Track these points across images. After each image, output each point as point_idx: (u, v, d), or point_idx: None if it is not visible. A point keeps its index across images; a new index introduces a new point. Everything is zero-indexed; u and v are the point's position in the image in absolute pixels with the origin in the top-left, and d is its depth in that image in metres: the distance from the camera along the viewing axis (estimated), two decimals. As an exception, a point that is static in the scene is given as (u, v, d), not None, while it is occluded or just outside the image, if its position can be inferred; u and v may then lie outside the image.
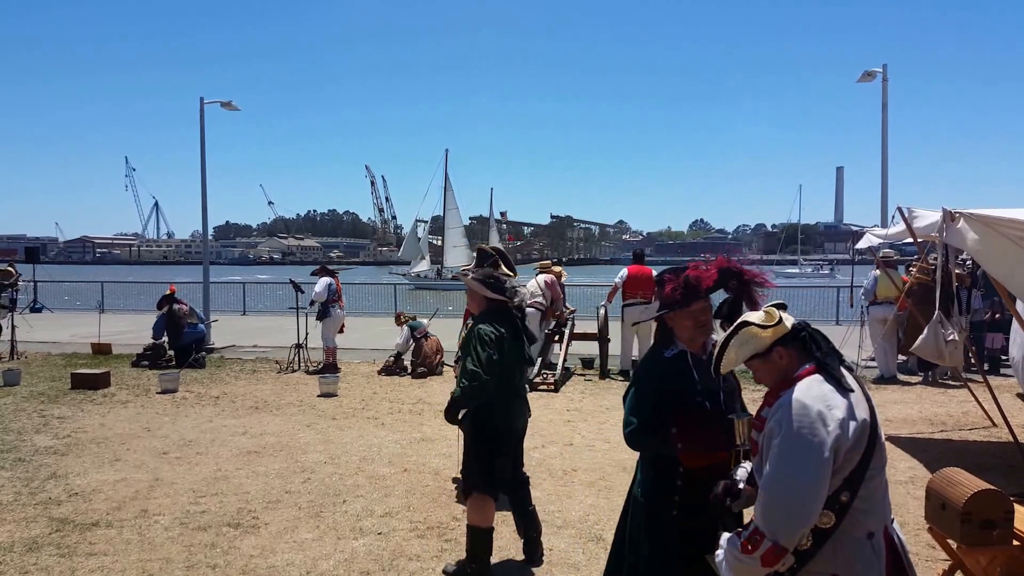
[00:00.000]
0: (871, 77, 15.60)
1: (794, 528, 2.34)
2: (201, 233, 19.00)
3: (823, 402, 2.37)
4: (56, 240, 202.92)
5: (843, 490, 2.37)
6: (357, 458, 7.52)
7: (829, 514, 2.37)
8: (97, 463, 7.37)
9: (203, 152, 17.31)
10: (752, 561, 2.40)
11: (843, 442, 2.33)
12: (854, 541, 2.41)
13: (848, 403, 2.39)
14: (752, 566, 2.40)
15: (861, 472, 2.37)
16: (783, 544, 2.36)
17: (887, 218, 13.95)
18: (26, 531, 5.56)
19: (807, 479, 2.31)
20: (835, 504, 2.37)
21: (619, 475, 6.93)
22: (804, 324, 2.61)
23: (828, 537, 2.39)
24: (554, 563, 5.03)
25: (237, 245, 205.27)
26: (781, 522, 2.35)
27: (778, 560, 2.37)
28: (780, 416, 2.41)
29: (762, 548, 2.38)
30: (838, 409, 2.36)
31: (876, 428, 2.42)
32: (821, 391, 2.41)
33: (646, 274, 12.46)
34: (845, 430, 2.34)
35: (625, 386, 12.29)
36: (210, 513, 5.96)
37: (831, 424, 2.33)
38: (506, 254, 6.47)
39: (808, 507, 2.33)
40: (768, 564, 2.38)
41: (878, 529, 2.45)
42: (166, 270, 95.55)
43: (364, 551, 5.20)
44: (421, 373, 12.27)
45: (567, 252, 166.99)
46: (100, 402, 10.25)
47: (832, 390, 2.41)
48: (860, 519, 2.41)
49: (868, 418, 2.40)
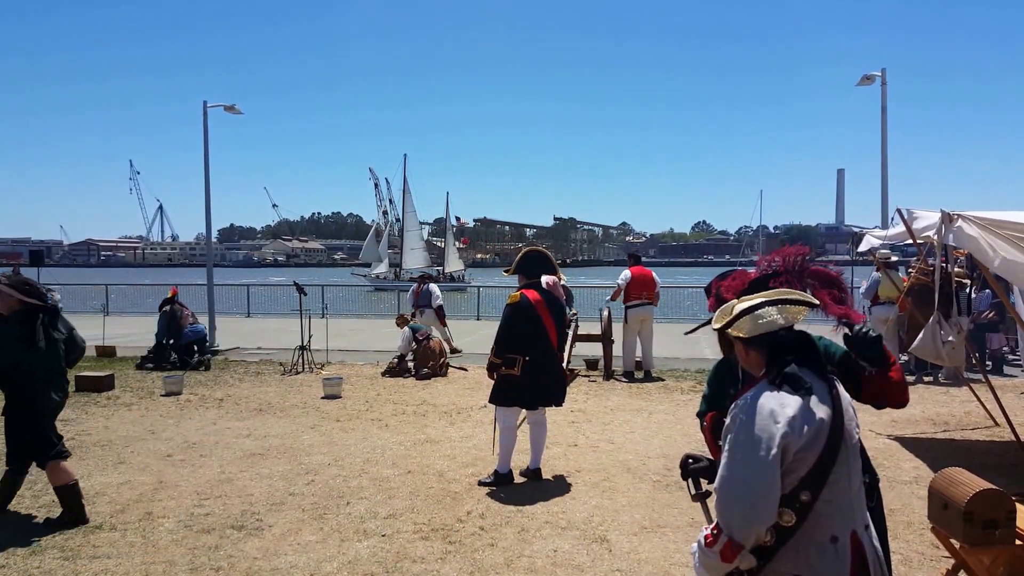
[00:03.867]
0: (870, 81, 15.64)
1: (747, 524, 2.37)
2: (205, 236, 19.06)
3: (777, 400, 2.41)
4: (61, 243, 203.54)
5: (802, 489, 2.38)
6: (361, 460, 7.53)
7: (790, 513, 2.39)
8: (101, 466, 7.38)
9: (207, 155, 17.43)
10: (713, 555, 2.44)
11: (791, 440, 2.35)
12: (816, 543, 2.41)
13: (802, 403, 2.40)
14: (713, 560, 2.44)
15: (821, 473, 2.38)
16: (738, 540, 2.39)
17: (887, 220, 13.98)
18: (30, 534, 5.57)
19: (755, 476, 2.34)
20: (795, 503, 2.38)
21: (623, 476, 6.94)
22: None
23: (791, 536, 2.40)
24: (559, 564, 5.03)
25: (241, 247, 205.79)
26: (734, 518, 2.38)
27: (735, 555, 2.40)
28: (735, 412, 2.47)
29: (720, 543, 2.42)
30: (790, 407, 2.39)
31: (840, 430, 2.42)
32: (775, 392, 2.45)
33: (648, 276, 12.53)
34: (795, 429, 2.36)
35: (627, 386, 12.31)
36: (214, 515, 5.97)
37: (781, 421, 2.36)
38: (550, 257, 7.09)
39: (758, 504, 2.35)
40: (727, 560, 2.41)
41: (843, 533, 2.43)
42: (170, 273, 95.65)
43: (368, 553, 5.21)
44: (425, 375, 12.28)
45: (570, 254, 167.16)
46: (104, 405, 10.27)
47: (790, 390, 2.43)
48: (823, 521, 2.41)
49: (827, 419, 2.40)
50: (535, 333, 6.67)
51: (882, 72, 15.44)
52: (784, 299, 2.61)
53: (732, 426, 2.46)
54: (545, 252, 7.25)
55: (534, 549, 5.26)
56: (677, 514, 5.91)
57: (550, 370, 6.82)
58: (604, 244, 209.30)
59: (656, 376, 12.17)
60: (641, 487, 6.64)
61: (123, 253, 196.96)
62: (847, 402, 2.55)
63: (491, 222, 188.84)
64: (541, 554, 5.18)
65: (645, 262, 15.00)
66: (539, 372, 6.66)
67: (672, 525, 5.69)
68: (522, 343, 6.64)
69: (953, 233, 6.10)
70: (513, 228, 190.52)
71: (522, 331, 6.65)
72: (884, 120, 15.52)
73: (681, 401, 10.37)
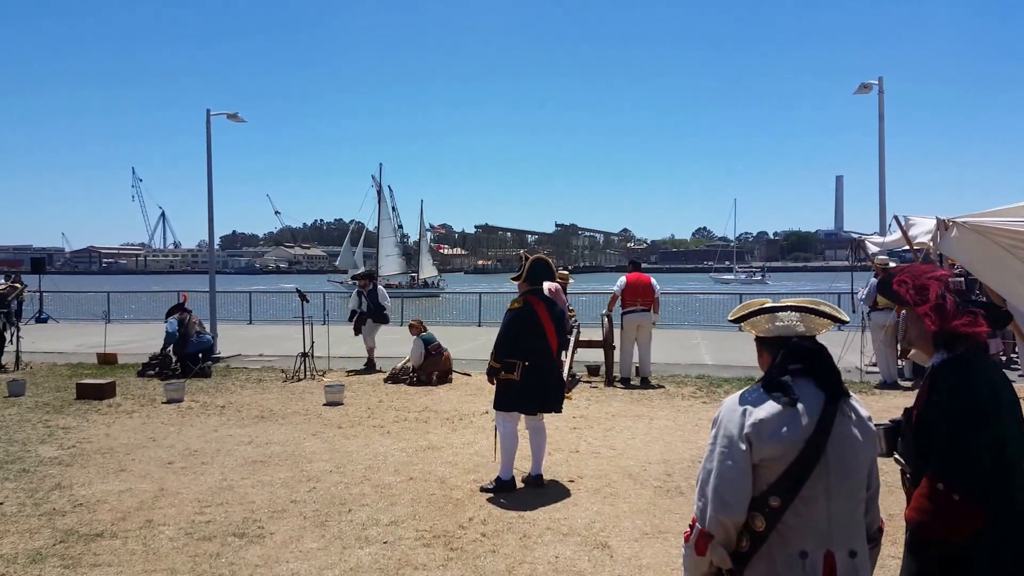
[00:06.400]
0: (867, 89, 15.69)
1: (715, 513, 2.43)
2: (208, 243, 19.11)
3: (753, 402, 2.48)
4: (62, 250, 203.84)
5: (771, 495, 2.41)
6: (363, 467, 7.52)
7: (760, 517, 2.42)
8: (102, 473, 7.37)
9: (209, 163, 17.49)
10: (688, 549, 2.52)
11: (756, 442, 2.41)
12: (785, 555, 2.41)
13: (778, 411, 2.43)
14: (690, 554, 2.51)
15: (792, 484, 2.39)
16: (708, 530, 2.45)
17: (885, 226, 14.00)
18: (30, 542, 5.56)
19: (723, 468, 2.43)
20: (764, 507, 2.42)
21: (625, 482, 6.93)
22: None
23: (762, 543, 2.43)
24: (560, 570, 5.02)
25: (244, 254, 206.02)
26: (704, 508, 2.47)
27: (706, 547, 2.45)
28: (721, 408, 2.58)
29: (693, 535, 2.50)
30: (762, 411, 2.44)
31: (819, 449, 2.40)
32: (759, 394, 2.50)
33: (644, 282, 12.46)
34: (760, 432, 2.41)
35: (628, 392, 12.29)
36: (215, 523, 5.96)
37: (748, 420, 2.44)
38: (547, 263, 7.10)
39: (726, 496, 2.41)
40: (700, 552, 2.47)
41: (816, 551, 2.41)
42: (173, 280, 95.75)
43: (370, 560, 5.20)
44: (425, 380, 12.23)
45: (572, 260, 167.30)
46: (105, 412, 10.26)
47: (776, 396, 2.46)
48: (792, 534, 2.41)
49: (804, 433, 2.40)
50: (535, 338, 6.68)
51: (879, 80, 15.51)
52: (810, 309, 2.60)
53: (715, 421, 2.55)
54: (548, 261, 7.28)
55: (536, 555, 5.26)
56: (678, 520, 5.90)
57: (549, 377, 6.83)
58: (605, 250, 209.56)
59: (655, 383, 12.14)
60: (642, 493, 6.63)
61: (125, 260, 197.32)
62: (851, 426, 2.48)
63: (493, 229, 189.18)
64: (543, 560, 5.17)
65: (646, 268, 14.98)
66: (538, 378, 6.66)
67: (673, 531, 5.67)
68: (522, 348, 6.65)
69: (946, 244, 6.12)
70: (515, 234, 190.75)
71: (523, 336, 6.66)
72: (882, 127, 15.59)
73: (682, 407, 10.35)
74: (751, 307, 2.69)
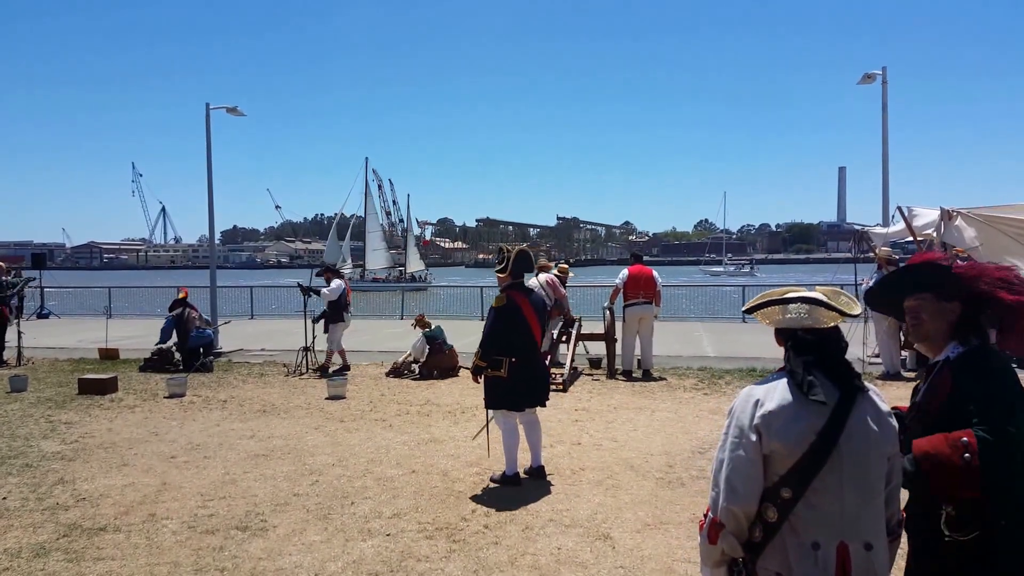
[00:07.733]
0: (871, 80, 15.63)
1: (726, 503, 2.46)
2: (209, 237, 19.09)
3: (766, 392, 2.49)
4: (63, 246, 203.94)
5: (783, 486, 2.42)
6: (365, 460, 7.53)
7: (772, 508, 2.43)
8: (105, 468, 7.39)
9: (209, 157, 17.46)
10: (703, 538, 2.55)
11: (765, 434, 2.42)
12: (797, 545, 2.41)
13: (789, 402, 2.43)
14: (704, 543, 2.54)
15: (803, 476, 2.39)
16: (719, 518, 2.48)
17: (888, 217, 13.98)
18: (34, 536, 5.58)
19: (734, 458, 2.46)
20: (776, 498, 2.43)
21: (626, 474, 6.93)
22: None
23: (775, 534, 2.44)
24: (562, 562, 5.03)
25: (244, 249, 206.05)
26: (716, 497, 2.50)
27: (717, 535, 2.47)
28: (736, 398, 2.60)
29: (707, 523, 2.53)
30: (772, 402, 2.45)
31: (832, 440, 2.39)
32: (776, 384, 2.50)
33: (646, 274, 12.43)
34: (769, 424, 2.42)
35: (630, 385, 12.27)
36: (218, 516, 5.97)
37: (759, 411, 2.45)
38: (529, 255, 7.10)
39: (736, 485, 2.44)
40: (712, 540, 2.49)
41: (828, 542, 2.40)
42: (173, 275, 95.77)
43: (372, 553, 5.21)
44: (427, 374, 12.25)
45: (574, 253, 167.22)
46: (107, 407, 10.28)
47: (791, 389, 2.46)
48: (805, 526, 2.41)
49: (816, 425, 2.40)
50: (521, 335, 6.71)
51: (883, 71, 15.46)
52: (819, 301, 2.59)
53: (730, 411, 2.57)
54: (530, 253, 7.26)
55: (538, 547, 5.27)
56: (680, 511, 5.91)
57: (537, 371, 6.90)
58: (607, 243, 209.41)
59: (657, 375, 12.14)
60: (644, 484, 6.64)
61: (126, 255, 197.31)
62: (869, 420, 2.46)
63: (494, 222, 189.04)
64: (545, 552, 5.18)
65: (648, 261, 14.95)
66: (525, 373, 6.70)
67: (675, 522, 5.68)
68: (508, 344, 6.66)
69: (950, 233, 6.11)
70: (517, 228, 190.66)
71: (508, 333, 6.68)
72: (885, 118, 15.55)
73: (684, 399, 10.36)
74: (765, 297, 2.69)
